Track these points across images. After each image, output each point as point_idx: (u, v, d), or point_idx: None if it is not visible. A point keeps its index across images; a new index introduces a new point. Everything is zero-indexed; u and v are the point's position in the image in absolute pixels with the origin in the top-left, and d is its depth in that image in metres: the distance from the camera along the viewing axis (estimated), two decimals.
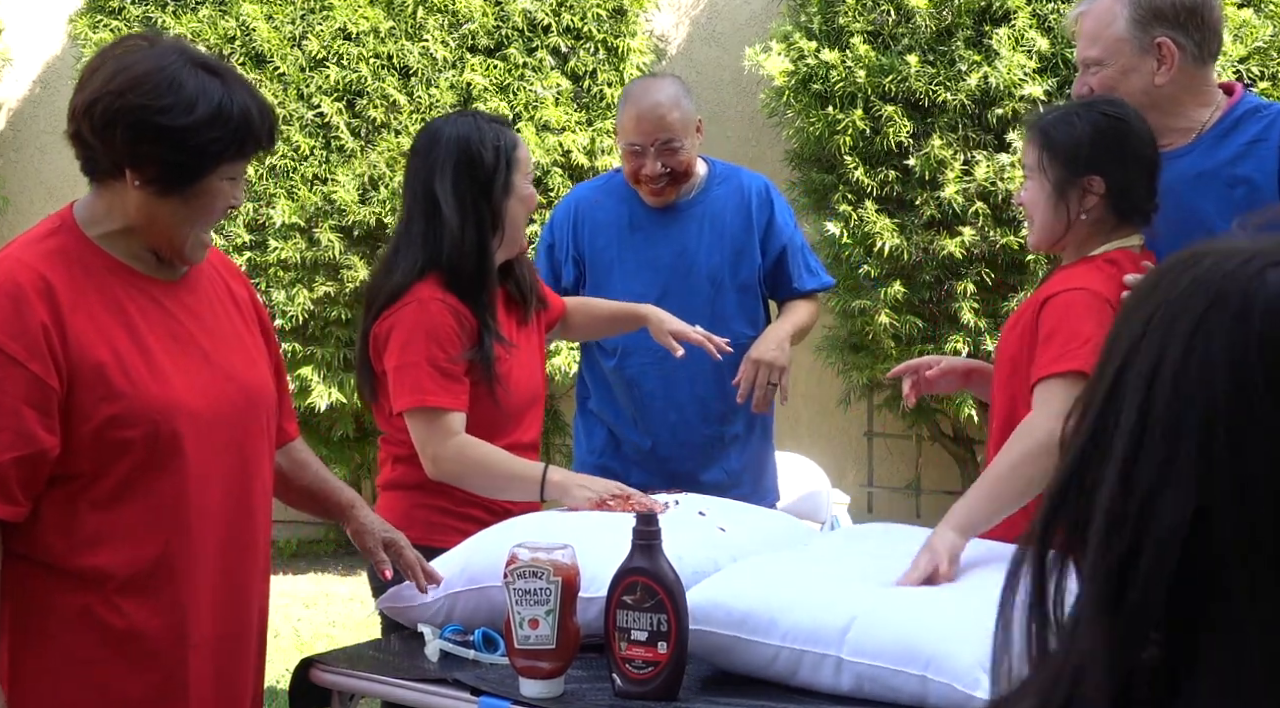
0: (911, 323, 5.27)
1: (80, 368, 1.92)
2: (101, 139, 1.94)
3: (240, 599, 2.13)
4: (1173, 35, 2.56)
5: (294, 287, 5.79)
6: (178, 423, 1.98)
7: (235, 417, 2.08)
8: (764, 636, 2.10)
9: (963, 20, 5.19)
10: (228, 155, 1.98)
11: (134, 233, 2.01)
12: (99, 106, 1.92)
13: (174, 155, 1.94)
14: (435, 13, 5.80)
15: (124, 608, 1.97)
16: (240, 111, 1.97)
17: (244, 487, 2.10)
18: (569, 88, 5.79)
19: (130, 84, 1.92)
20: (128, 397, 1.94)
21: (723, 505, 2.73)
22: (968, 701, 1.99)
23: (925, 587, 2.20)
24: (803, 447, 5.08)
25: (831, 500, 4.04)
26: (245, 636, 2.15)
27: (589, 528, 2.42)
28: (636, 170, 3.23)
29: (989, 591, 2.29)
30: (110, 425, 1.93)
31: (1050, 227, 2.49)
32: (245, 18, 5.84)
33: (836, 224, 5.33)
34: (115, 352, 1.95)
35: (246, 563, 2.13)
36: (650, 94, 3.23)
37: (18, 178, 7.06)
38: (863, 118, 5.23)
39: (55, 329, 1.91)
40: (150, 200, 1.96)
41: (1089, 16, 2.62)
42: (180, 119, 1.92)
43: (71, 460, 1.93)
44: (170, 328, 2.04)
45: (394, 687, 2.24)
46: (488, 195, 2.75)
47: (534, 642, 2.09)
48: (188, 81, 1.94)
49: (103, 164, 1.97)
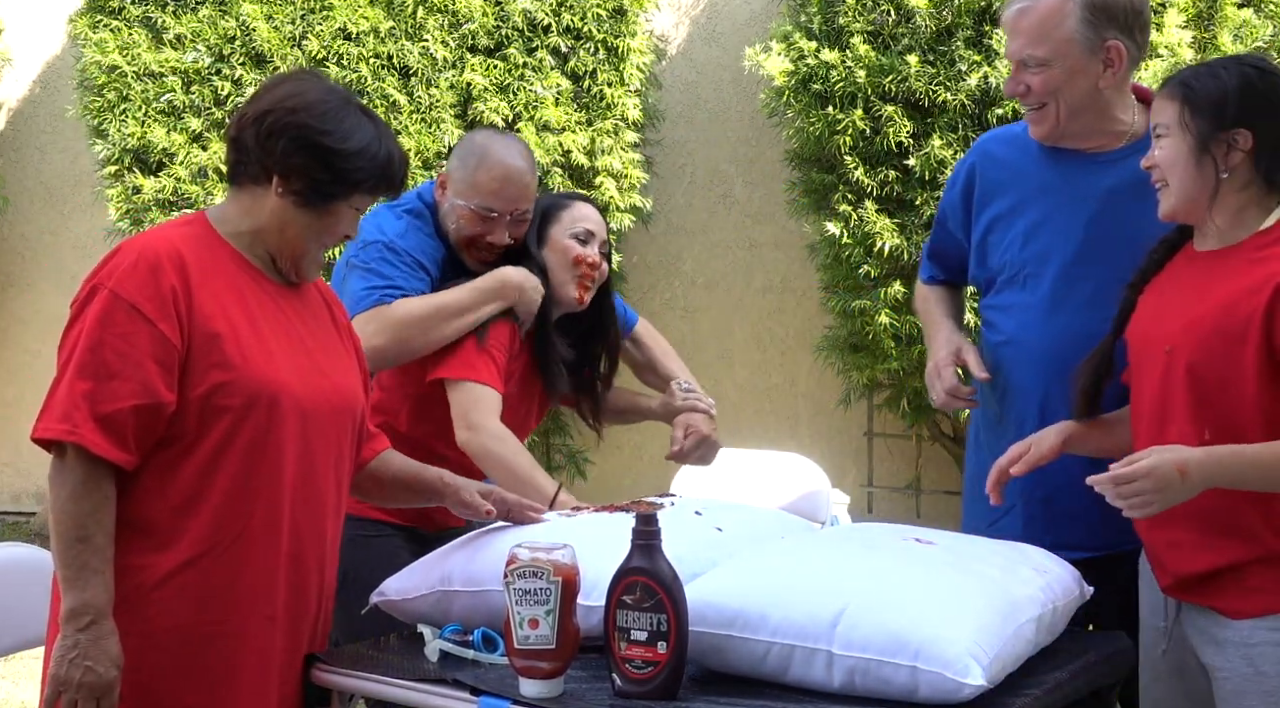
0: (911, 323, 5.27)
1: (200, 335, 2.12)
2: (262, 146, 2.20)
3: (303, 583, 2.26)
4: (1121, 39, 2.59)
5: None
6: (278, 400, 2.17)
7: (330, 412, 2.27)
8: (754, 632, 2.11)
9: (963, 20, 5.19)
10: (365, 187, 2.25)
11: (261, 236, 2.24)
12: (270, 117, 2.20)
13: (321, 174, 2.21)
14: (435, 13, 5.80)
15: (214, 576, 2.14)
16: (386, 154, 2.26)
17: (322, 476, 2.26)
18: (569, 88, 5.79)
19: (303, 105, 2.21)
20: (237, 368, 2.14)
21: (719, 505, 2.73)
22: (958, 688, 1.99)
23: (915, 575, 2.21)
24: (803, 447, 5.08)
25: (831, 500, 4.03)
26: (303, 619, 2.27)
27: (589, 529, 2.43)
28: (480, 236, 2.94)
29: (977, 579, 2.31)
30: (217, 392, 2.13)
31: (1190, 190, 2.29)
32: (245, 18, 5.84)
33: (836, 224, 5.33)
34: (233, 326, 2.16)
35: (311, 549, 2.26)
36: (516, 157, 2.96)
37: (18, 178, 7.06)
38: (863, 118, 5.23)
39: (184, 295, 2.12)
40: (287, 209, 2.22)
41: (1031, 14, 2.60)
42: (337, 144, 2.21)
43: (179, 422, 2.12)
44: (281, 322, 2.25)
45: (394, 687, 2.24)
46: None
47: (534, 642, 2.09)
48: (349, 117, 2.24)
49: (252, 169, 2.22)
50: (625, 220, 5.85)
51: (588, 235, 2.98)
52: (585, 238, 2.98)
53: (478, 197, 2.91)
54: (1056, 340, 2.61)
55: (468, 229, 2.94)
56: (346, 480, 2.36)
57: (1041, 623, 2.25)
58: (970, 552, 2.39)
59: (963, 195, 2.82)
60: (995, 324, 2.77)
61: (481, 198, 2.91)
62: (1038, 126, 2.68)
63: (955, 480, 5.99)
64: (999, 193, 2.75)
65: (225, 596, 2.16)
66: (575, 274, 2.96)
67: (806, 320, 6.22)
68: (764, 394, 6.39)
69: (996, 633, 2.09)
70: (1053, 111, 2.64)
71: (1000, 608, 2.16)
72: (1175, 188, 2.31)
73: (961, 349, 2.73)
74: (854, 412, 6.02)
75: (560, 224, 2.99)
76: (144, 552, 2.13)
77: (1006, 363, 2.72)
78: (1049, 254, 2.66)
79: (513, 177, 2.92)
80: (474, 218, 2.92)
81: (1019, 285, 2.70)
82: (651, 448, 6.43)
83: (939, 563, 2.28)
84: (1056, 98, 2.62)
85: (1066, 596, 2.38)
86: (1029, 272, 2.68)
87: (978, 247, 2.79)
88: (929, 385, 2.75)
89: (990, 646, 2.06)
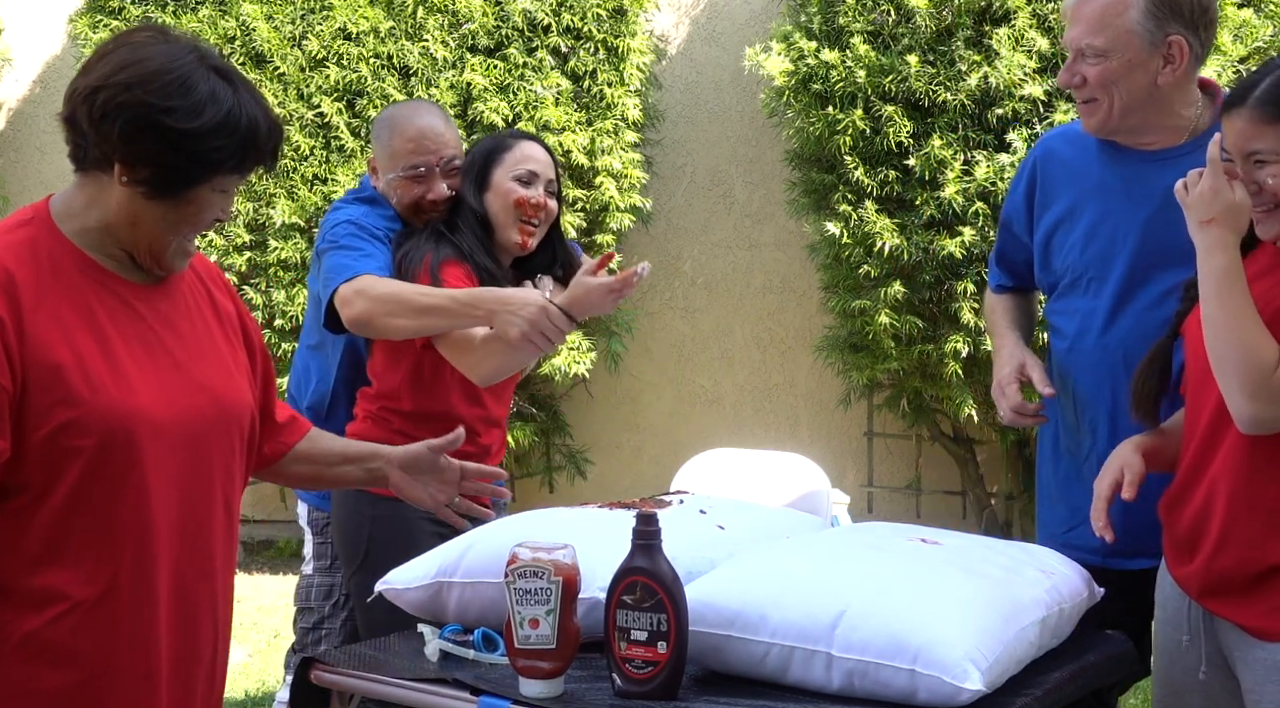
0: (911, 323, 5.27)
1: (37, 369, 1.79)
2: (97, 129, 1.84)
3: (192, 628, 1.96)
4: (1184, 34, 2.50)
5: (294, 287, 5.80)
6: (137, 433, 1.85)
7: (204, 428, 1.95)
8: (754, 633, 2.11)
9: (963, 20, 5.19)
10: (227, 166, 1.89)
11: (112, 231, 1.90)
12: (101, 95, 1.83)
13: (170, 159, 1.85)
14: (435, 13, 5.80)
15: (80, 633, 1.84)
16: (248, 123, 1.88)
17: (205, 504, 1.96)
18: (569, 88, 5.79)
19: (139, 78, 1.83)
20: (85, 403, 1.82)
21: (724, 503, 2.73)
22: (956, 693, 1.99)
23: (917, 577, 2.20)
24: (803, 447, 5.08)
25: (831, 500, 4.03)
26: (195, 667, 1.97)
27: (589, 528, 2.43)
28: (421, 197, 2.98)
29: (981, 580, 2.30)
30: (63, 432, 1.80)
31: None
32: (245, 18, 5.84)
33: (836, 224, 5.33)
34: (77, 354, 1.83)
35: (200, 587, 1.96)
36: (425, 113, 3.05)
37: (18, 178, 7.06)
38: (863, 118, 5.23)
39: (13, 325, 1.79)
40: (136, 200, 1.87)
41: (1092, 2, 2.52)
42: (184, 122, 1.83)
43: (20, 470, 1.80)
44: (140, 333, 1.91)
45: (394, 687, 2.23)
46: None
47: (534, 642, 2.09)
48: (199, 84, 1.85)
49: (92, 154, 1.87)
50: (625, 220, 5.85)
51: (530, 177, 2.94)
52: (528, 179, 2.94)
53: (402, 161, 2.97)
54: (1120, 346, 2.53)
55: (407, 196, 2.99)
56: (237, 498, 2.06)
57: (1046, 625, 2.23)
58: (975, 553, 2.37)
59: (1025, 196, 2.74)
60: (1060, 330, 2.69)
61: (405, 159, 2.97)
62: (1088, 118, 2.59)
63: (955, 480, 5.99)
64: (1059, 193, 2.68)
65: (95, 654, 1.85)
66: (516, 216, 2.93)
67: (806, 320, 6.22)
68: (764, 394, 6.39)
69: (997, 636, 2.09)
70: (1105, 105, 2.55)
71: (1003, 610, 2.15)
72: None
73: (1025, 365, 2.64)
74: (854, 412, 6.02)
75: (503, 166, 2.94)
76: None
77: (1074, 370, 2.64)
78: (1110, 257, 2.58)
79: (425, 130, 2.98)
80: (407, 183, 2.98)
81: (1081, 290, 2.63)
82: (652, 448, 6.44)
83: (942, 564, 2.28)
84: (1111, 91, 2.53)
85: (1074, 598, 2.35)
86: (1091, 275, 2.61)
87: (1041, 249, 2.71)
88: (995, 403, 2.68)
89: (990, 649, 2.05)
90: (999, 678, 2.07)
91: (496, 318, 2.75)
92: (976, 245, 5.11)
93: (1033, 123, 5.11)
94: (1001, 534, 5.37)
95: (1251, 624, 2.19)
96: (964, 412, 5.35)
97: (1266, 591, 2.17)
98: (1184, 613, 2.31)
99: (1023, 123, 5.12)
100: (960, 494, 6.02)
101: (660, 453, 6.25)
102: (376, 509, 2.87)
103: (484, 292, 2.82)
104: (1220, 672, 2.28)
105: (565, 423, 6.10)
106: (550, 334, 2.73)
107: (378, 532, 2.87)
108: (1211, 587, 2.25)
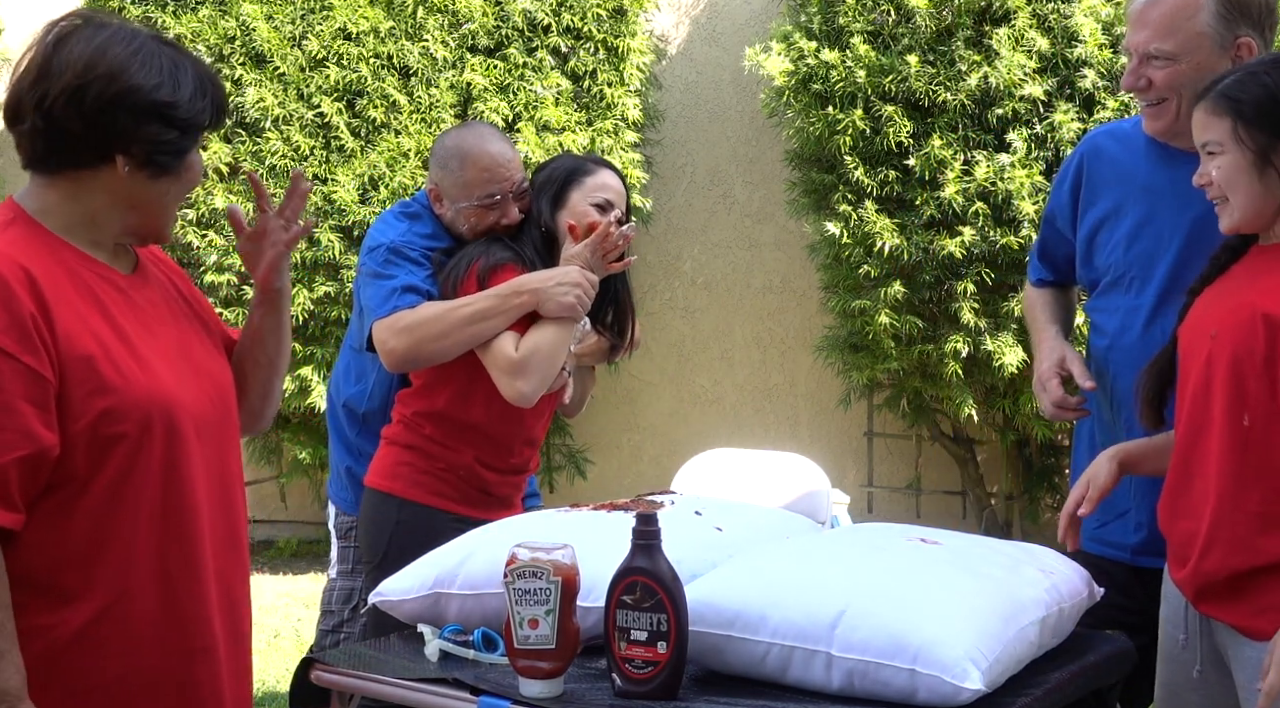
0: (911, 323, 5.27)
1: (70, 361, 1.82)
2: (94, 125, 1.86)
3: (235, 603, 2.03)
4: (1252, 35, 2.50)
5: (294, 287, 5.79)
6: (174, 416, 1.89)
7: (215, 410, 2.00)
8: (754, 633, 2.11)
9: (963, 20, 5.19)
10: (212, 124, 1.97)
11: (98, 220, 1.92)
12: (89, 92, 1.85)
13: (169, 133, 1.89)
14: (435, 13, 5.80)
15: (135, 621, 1.87)
16: (210, 79, 1.97)
17: (227, 485, 2.02)
18: (569, 88, 5.79)
19: (118, 67, 1.87)
20: (120, 390, 1.84)
21: (720, 505, 2.73)
22: (956, 693, 1.99)
23: (917, 577, 2.20)
24: (803, 447, 5.08)
25: (831, 500, 4.03)
26: (243, 641, 2.06)
27: (589, 529, 2.42)
28: (495, 224, 2.99)
29: (981, 580, 2.30)
30: (103, 421, 1.83)
31: (1256, 204, 2.21)
32: (245, 18, 5.84)
33: (836, 224, 5.33)
34: (102, 344, 1.85)
35: (235, 564, 2.03)
36: (490, 140, 3.04)
37: (18, 178, 7.04)
38: (863, 118, 5.23)
39: (43, 320, 1.80)
40: (137, 184, 1.90)
41: (1162, 5, 2.51)
42: (173, 96, 1.89)
43: (66, 462, 1.82)
44: (142, 320, 1.94)
45: (394, 687, 2.23)
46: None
47: (534, 642, 2.09)
48: (162, 57, 1.91)
49: (82, 154, 1.88)
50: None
51: (606, 205, 2.98)
52: (604, 206, 2.98)
53: (477, 190, 2.97)
54: (1158, 346, 2.51)
55: (481, 224, 2.99)
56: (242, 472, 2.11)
57: (1046, 625, 2.24)
58: (975, 553, 2.38)
59: (1071, 192, 2.74)
60: (1100, 327, 2.69)
61: (481, 189, 2.97)
62: (1154, 122, 2.59)
63: (955, 480, 5.99)
64: (1105, 190, 2.68)
65: (154, 638, 1.88)
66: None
67: (806, 320, 6.22)
68: (764, 394, 6.39)
69: (997, 636, 2.09)
70: (1172, 107, 2.54)
71: (1002, 610, 2.15)
72: (1239, 203, 2.23)
73: (1065, 359, 2.64)
74: (854, 412, 6.02)
75: (582, 189, 2.98)
76: (49, 609, 1.82)
77: (1112, 367, 2.64)
78: (1154, 257, 2.59)
79: (497, 159, 2.98)
80: (482, 212, 2.98)
81: (1123, 288, 2.63)
82: (651, 448, 6.44)
83: (942, 564, 2.28)
84: (1179, 94, 2.51)
85: (1074, 597, 2.36)
86: (1134, 274, 2.61)
87: (1084, 245, 2.71)
88: (1036, 397, 2.68)
89: (990, 649, 2.05)
90: (999, 678, 2.08)
91: (543, 295, 2.81)
92: (976, 245, 5.11)
93: (1033, 123, 5.11)
94: (1001, 534, 5.37)
95: (1242, 624, 2.21)
96: (964, 412, 5.35)
97: (1255, 591, 2.18)
98: (1182, 613, 2.33)
99: (1022, 123, 5.12)
100: (960, 494, 6.02)
101: (660, 453, 6.26)
102: (403, 513, 2.89)
103: (521, 278, 2.85)
104: (1218, 670, 2.29)
105: (565, 423, 6.10)
106: (589, 294, 2.85)
107: (400, 535, 2.86)
108: (1203, 588, 2.26)
